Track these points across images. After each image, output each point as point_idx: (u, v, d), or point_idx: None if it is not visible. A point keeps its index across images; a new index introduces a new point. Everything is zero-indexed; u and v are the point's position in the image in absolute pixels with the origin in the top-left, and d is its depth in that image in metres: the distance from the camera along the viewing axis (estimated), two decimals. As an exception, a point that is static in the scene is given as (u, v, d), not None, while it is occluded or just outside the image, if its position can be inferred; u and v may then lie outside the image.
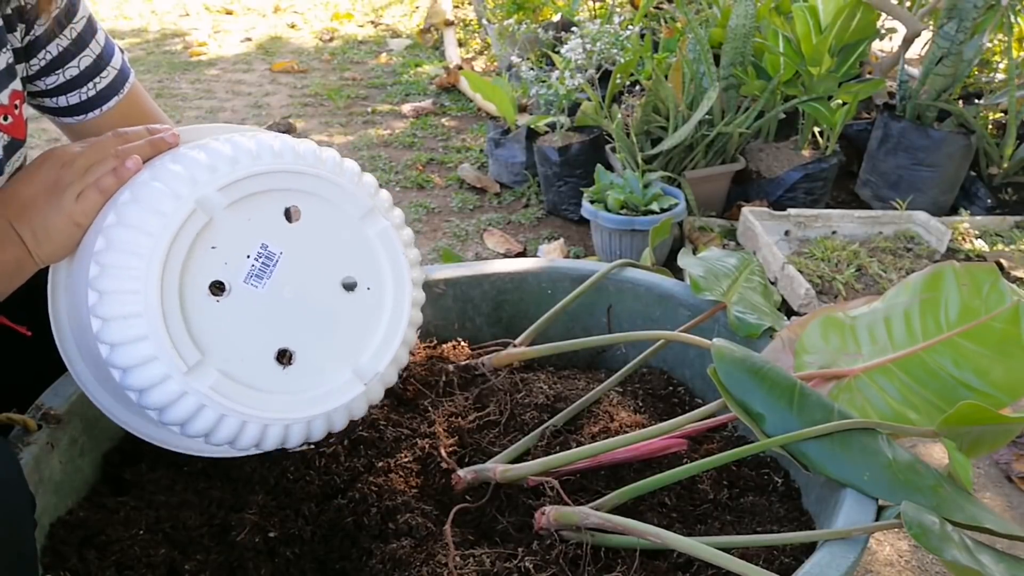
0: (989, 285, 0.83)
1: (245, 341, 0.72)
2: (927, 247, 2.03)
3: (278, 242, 0.74)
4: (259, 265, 0.73)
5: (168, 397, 0.69)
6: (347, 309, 0.77)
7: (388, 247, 0.79)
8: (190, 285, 0.70)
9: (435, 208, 2.60)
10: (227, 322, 0.71)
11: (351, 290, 0.78)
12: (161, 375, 0.68)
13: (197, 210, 0.70)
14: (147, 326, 0.68)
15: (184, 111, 3.56)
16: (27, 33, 0.86)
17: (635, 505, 0.84)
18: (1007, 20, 2.24)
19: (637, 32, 2.48)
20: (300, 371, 0.74)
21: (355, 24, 5.26)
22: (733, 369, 0.79)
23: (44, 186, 0.77)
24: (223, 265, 0.72)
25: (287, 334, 0.74)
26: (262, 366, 0.73)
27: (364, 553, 0.80)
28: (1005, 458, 1.48)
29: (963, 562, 0.64)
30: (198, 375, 0.69)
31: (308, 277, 0.75)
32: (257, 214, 0.73)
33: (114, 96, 0.95)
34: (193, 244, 0.70)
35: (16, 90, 0.85)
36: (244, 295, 0.72)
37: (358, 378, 0.77)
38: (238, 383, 0.71)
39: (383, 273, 0.79)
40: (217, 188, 0.71)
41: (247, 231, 0.73)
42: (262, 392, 0.72)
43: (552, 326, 1.06)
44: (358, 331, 0.78)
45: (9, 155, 0.85)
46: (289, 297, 0.74)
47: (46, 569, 0.74)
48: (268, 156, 0.74)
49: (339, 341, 0.77)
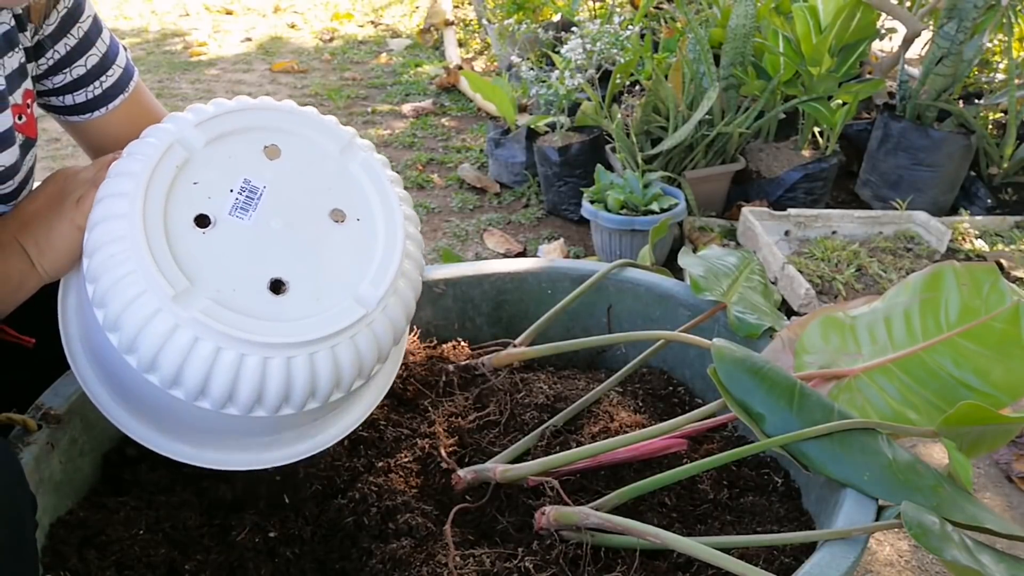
0: (989, 285, 0.83)
1: (235, 271, 0.71)
2: (927, 247, 2.03)
3: (261, 177, 0.75)
4: (243, 199, 0.73)
5: (161, 334, 0.67)
6: (339, 240, 0.76)
7: (373, 177, 0.79)
8: (174, 218, 0.70)
9: (435, 208, 2.60)
10: (215, 253, 0.71)
11: (341, 222, 0.77)
12: (152, 309, 0.67)
13: (175, 144, 0.72)
14: (133, 258, 0.68)
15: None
16: (35, 32, 0.86)
17: (635, 505, 0.84)
18: (1007, 20, 2.24)
19: (637, 32, 2.48)
20: (295, 300, 0.72)
21: (355, 24, 5.26)
22: (733, 369, 0.79)
23: (48, 199, 0.78)
24: (207, 199, 0.72)
25: (278, 265, 0.73)
26: (255, 295, 0.71)
27: (364, 553, 0.80)
28: (1005, 458, 1.48)
29: (963, 562, 0.64)
30: (187, 301, 0.67)
31: (295, 210, 0.75)
32: (237, 151, 0.75)
33: (119, 95, 0.95)
34: (174, 180, 0.71)
35: (28, 89, 0.86)
36: (230, 227, 0.72)
37: (359, 304, 0.74)
38: (230, 310, 0.69)
39: (371, 203, 0.79)
40: (194, 125, 0.73)
41: (228, 167, 0.74)
42: (257, 319, 0.70)
43: (552, 326, 1.06)
44: (353, 261, 0.76)
45: (24, 154, 0.86)
46: (277, 228, 0.74)
47: (46, 569, 0.74)
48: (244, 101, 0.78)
49: (334, 271, 0.75)
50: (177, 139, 0.73)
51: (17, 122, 0.83)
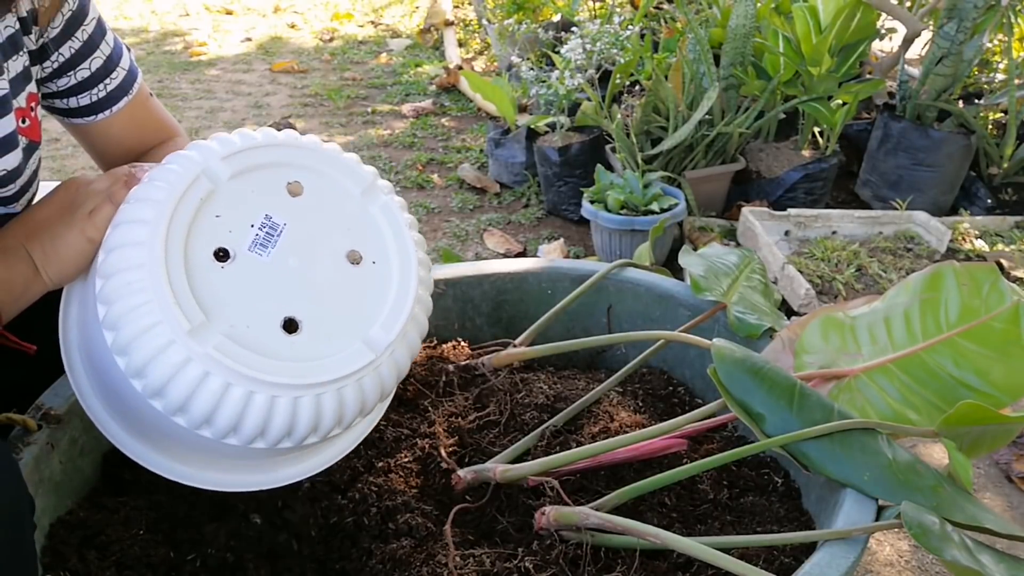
0: (989, 285, 0.83)
1: (250, 307, 0.71)
2: (927, 247, 2.03)
3: (282, 214, 0.75)
4: (263, 234, 0.74)
5: (172, 366, 0.67)
6: (353, 282, 0.77)
7: (391, 221, 0.80)
8: (194, 250, 0.70)
9: (435, 208, 2.60)
10: (232, 288, 0.71)
11: (357, 264, 0.77)
12: (165, 341, 0.67)
13: (201, 176, 0.72)
14: (150, 288, 0.67)
15: (184, 111, 3.56)
16: (40, 36, 0.86)
17: (635, 505, 0.84)
18: (1007, 20, 2.24)
19: (637, 32, 2.48)
20: (307, 340, 0.73)
21: (355, 24, 5.26)
22: (733, 369, 0.79)
23: (58, 207, 0.77)
24: (227, 233, 0.72)
25: (293, 303, 0.73)
26: (268, 333, 0.72)
27: (364, 553, 0.80)
28: (1005, 458, 1.48)
29: (963, 562, 0.64)
30: (201, 337, 0.68)
31: (313, 249, 0.76)
32: (261, 186, 0.75)
33: (123, 97, 0.95)
34: (197, 211, 0.71)
35: (32, 92, 0.85)
36: (249, 262, 0.72)
37: (368, 348, 0.75)
38: (243, 347, 0.69)
39: (387, 247, 0.79)
40: (221, 158, 0.73)
41: (251, 202, 0.74)
42: (268, 357, 0.70)
43: (552, 326, 1.06)
44: (365, 304, 0.77)
45: (27, 157, 0.86)
46: (294, 267, 0.74)
47: (46, 569, 0.74)
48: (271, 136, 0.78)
49: (346, 313, 0.76)
50: (203, 170, 0.72)
51: (21, 125, 0.83)
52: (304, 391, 0.70)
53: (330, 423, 0.73)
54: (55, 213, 0.77)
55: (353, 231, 0.78)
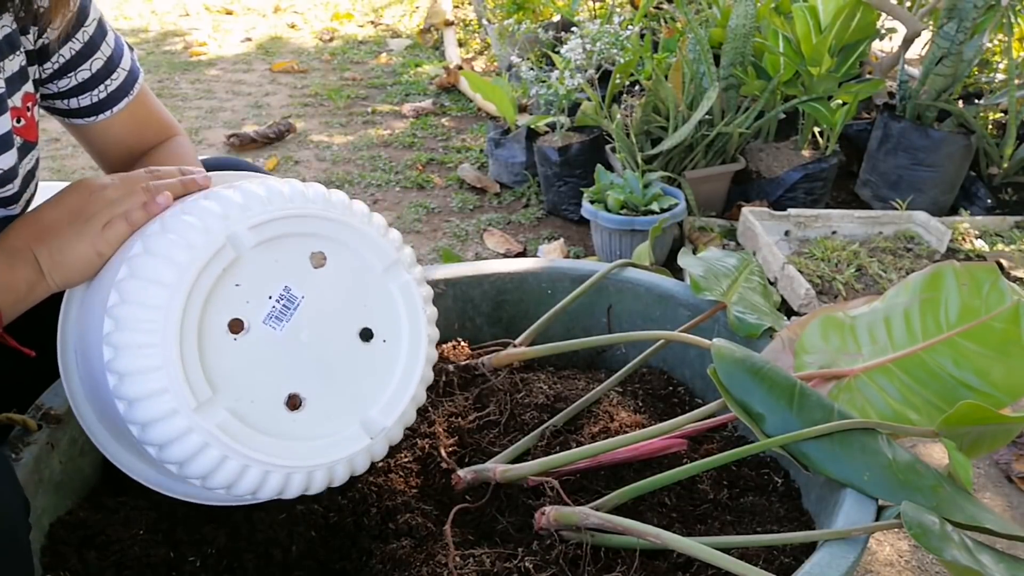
0: (989, 285, 0.83)
1: (258, 382, 0.71)
2: (927, 247, 2.03)
3: (301, 286, 0.73)
4: (280, 307, 0.72)
5: (173, 433, 0.67)
6: (361, 360, 0.77)
7: (408, 301, 0.79)
8: (210, 320, 0.69)
9: (435, 208, 2.60)
10: (242, 361, 0.70)
11: (367, 341, 0.77)
12: (169, 409, 0.67)
13: (227, 246, 0.69)
14: (161, 357, 0.66)
15: (184, 111, 3.56)
16: (40, 36, 0.86)
17: (635, 505, 0.84)
18: (1007, 20, 2.24)
19: (637, 32, 2.48)
20: (308, 418, 0.73)
21: (355, 24, 5.26)
22: (733, 369, 0.79)
23: (68, 212, 0.76)
24: (244, 303, 0.71)
25: (299, 379, 0.73)
26: (271, 409, 0.72)
27: (364, 553, 0.80)
28: (1005, 458, 1.48)
29: (963, 562, 0.64)
30: (207, 412, 0.68)
31: (326, 324, 0.74)
32: (283, 256, 0.73)
33: (124, 98, 0.95)
34: (218, 280, 0.69)
35: (28, 92, 0.85)
36: (262, 335, 0.71)
37: (365, 431, 0.76)
38: (246, 424, 0.70)
39: (400, 327, 0.79)
40: (248, 226, 0.70)
41: (272, 272, 0.72)
42: (268, 436, 0.71)
43: (552, 326, 1.06)
44: (370, 383, 0.77)
45: (23, 157, 0.85)
46: (306, 342, 0.73)
47: (46, 569, 0.74)
48: (300, 200, 0.74)
49: (350, 391, 0.76)
50: (229, 237, 0.70)
51: (16, 125, 0.83)
52: (297, 469, 0.72)
53: (319, 488, 0.76)
54: (65, 218, 0.76)
55: (369, 307, 0.77)
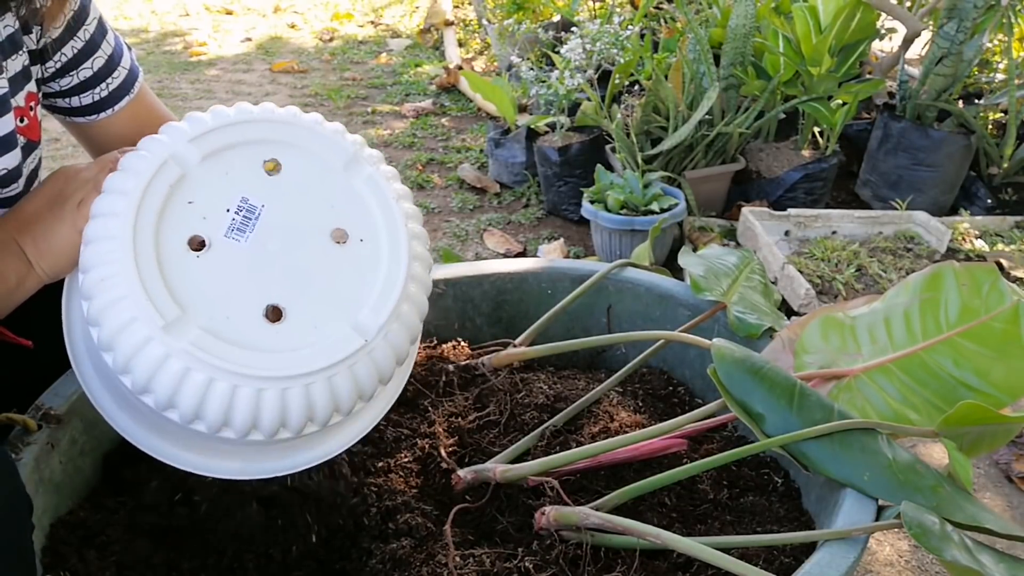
0: (989, 285, 0.83)
1: (229, 297, 0.68)
2: (927, 247, 2.03)
3: (259, 195, 0.71)
4: (240, 219, 0.70)
5: (152, 362, 0.65)
6: (340, 262, 0.73)
7: (377, 195, 0.76)
8: (166, 240, 0.67)
9: (435, 208, 2.60)
10: (209, 278, 0.68)
11: (342, 243, 0.74)
12: (143, 336, 0.65)
13: (169, 161, 0.68)
14: (124, 284, 0.65)
15: (184, 111, 3.55)
16: (42, 36, 0.86)
17: (635, 505, 0.84)
18: (1007, 20, 2.24)
19: (637, 32, 2.48)
20: (292, 328, 0.69)
21: (355, 24, 5.26)
22: (733, 369, 0.79)
23: (47, 200, 0.76)
24: (201, 220, 0.69)
25: (275, 289, 0.70)
26: (249, 323, 0.68)
27: (364, 553, 0.80)
28: (1005, 458, 1.48)
29: (963, 562, 0.64)
30: (177, 331, 0.65)
31: (294, 230, 0.72)
32: (235, 167, 0.71)
33: (125, 96, 0.95)
34: (167, 199, 0.68)
35: (31, 92, 0.85)
36: (226, 249, 0.69)
37: (358, 333, 0.71)
38: (223, 340, 0.67)
39: (375, 223, 0.75)
40: (188, 140, 0.70)
41: (225, 184, 0.71)
42: (250, 350, 0.67)
43: (552, 326, 1.06)
44: (354, 285, 0.73)
45: (26, 156, 0.86)
46: (275, 251, 0.71)
47: (46, 569, 0.74)
48: (243, 113, 0.74)
49: (333, 296, 0.72)
50: (171, 154, 0.69)
51: (19, 125, 0.83)
52: (291, 382, 0.68)
53: (326, 412, 0.71)
54: (45, 205, 0.76)
55: (337, 208, 0.74)
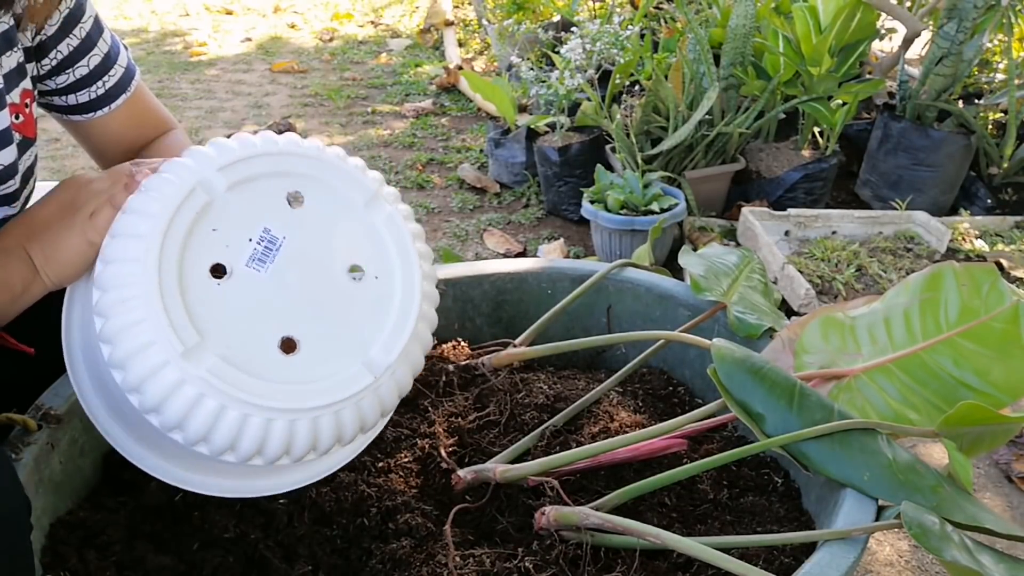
0: (989, 285, 0.83)
1: (247, 326, 0.70)
2: (927, 247, 2.03)
3: (281, 226, 0.72)
4: (261, 248, 0.71)
5: (166, 386, 0.66)
6: (355, 298, 0.74)
7: (395, 234, 0.77)
8: (190, 266, 0.68)
9: (435, 208, 2.60)
10: (228, 306, 0.69)
11: (358, 279, 0.75)
12: (159, 361, 0.66)
13: (197, 189, 0.69)
14: (144, 307, 0.66)
15: (184, 111, 3.56)
16: (38, 33, 0.86)
17: (635, 505, 0.84)
18: (1007, 20, 2.24)
19: (637, 32, 2.48)
20: (304, 361, 0.71)
21: (355, 24, 5.26)
22: (733, 369, 0.79)
23: (58, 208, 0.76)
24: (224, 247, 0.70)
25: (291, 321, 0.71)
26: (264, 354, 0.70)
27: (364, 553, 0.80)
28: (1005, 458, 1.48)
29: (963, 562, 0.64)
30: (195, 358, 0.66)
31: (313, 264, 0.73)
32: (259, 197, 0.72)
33: (121, 94, 0.95)
34: (193, 225, 0.69)
35: (26, 89, 0.85)
36: (246, 279, 0.70)
37: (367, 370, 0.73)
38: (238, 369, 0.68)
39: (390, 261, 0.77)
40: (217, 168, 0.70)
41: (249, 214, 0.71)
42: (264, 380, 0.69)
43: (552, 326, 1.06)
44: (366, 321, 0.75)
45: (22, 153, 0.86)
46: (293, 283, 0.72)
47: (46, 569, 0.74)
48: (270, 143, 0.74)
49: (346, 331, 0.74)
50: (199, 181, 0.70)
51: (14, 121, 0.83)
52: (300, 415, 0.69)
53: (328, 442, 0.72)
54: (55, 214, 0.76)
55: (355, 244, 0.76)
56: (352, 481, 0.86)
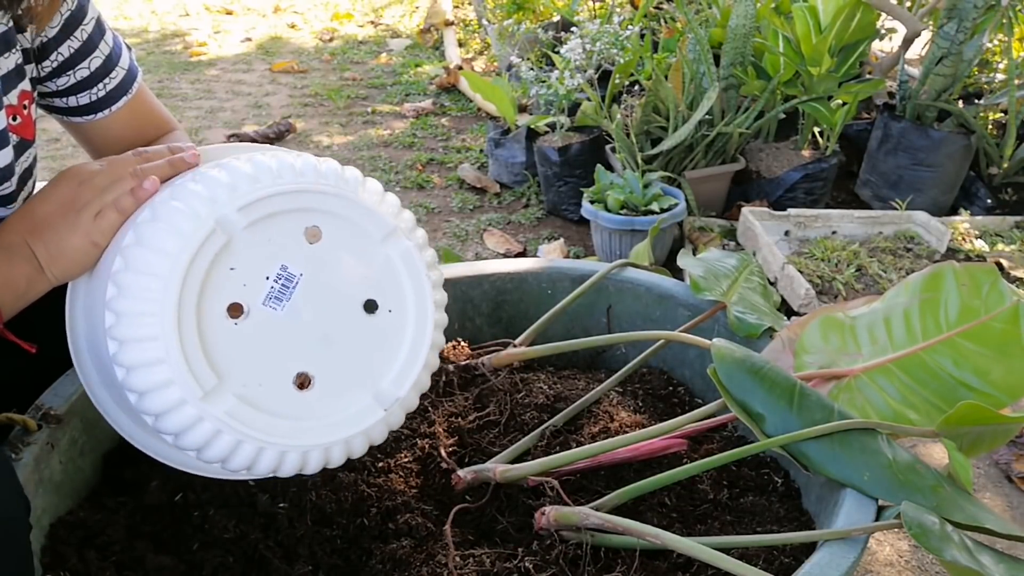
0: (989, 285, 0.83)
1: (263, 365, 0.70)
2: (927, 247, 2.03)
3: (298, 263, 0.71)
4: (278, 287, 0.71)
5: (184, 422, 0.67)
6: (368, 332, 0.75)
7: (410, 268, 0.77)
8: (208, 307, 0.68)
9: (435, 208, 2.60)
10: (245, 345, 0.69)
11: (372, 312, 0.75)
12: (177, 400, 0.66)
13: (216, 230, 0.67)
14: (163, 349, 0.66)
15: (184, 111, 3.56)
16: (38, 35, 0.86)
17: (635, 505, 0.84)
18: (1007, 20, 2.24)
19: (637, 32, 2.48)
20: (318, 396, 0.72)
21: (355, 24, 5.26)
22: (733, 369, 0.79)
23: (60, 204, 0.76)
24: (241, 287, 0.69)
25: (306, 357, 0.72)
26: (280, 391, 0.71)
27: (364, 553, 0.80)
28: (1005, 458, 1.48)
29: (963, 562, 0.64)
30: (214, 400, 0.67)
31: (328, 299, 0.73)
32: (277, 235, 0.71)
33: (123, 96, 0.95)
34: (211, 265, 0.68)
35: (25, 90, 0.85)
36: (262, 318, 0.70)
37: (378, 403, 0.75)
38: (255, 408, 0.69)
39: (404, 295, 0.76)
40: (237, 208, 0.68)
41: (267, 252, 0.70)
42: (280, 418, 0.70)
43: (552, 326, 1.06)
44: (378, 354, 0.76)
45: (19, 155, 0.85)
46: (308, 319, 0.72)
47: (46, 569, 0.74)
48: (289, 175, 0.72)
49: (359, 365, 0.74)
50: (218, 220, 0.67)
51: (11, 123, 0.83)
52: (314, 448, 0.72)
53: (338, 462, 0.75)
54: (57, 210, 0.75)
55: (371, 278, 0.75)
56: (352, 481, 0.86)
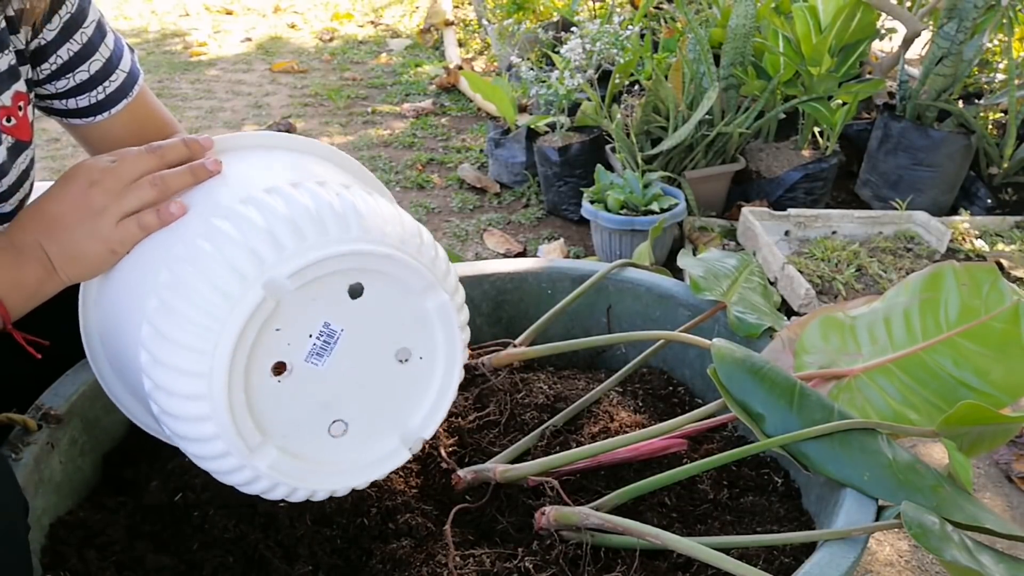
0: (989, 285, 0.83)
1: (303, 417, 0.72)
2: (927, 247, 2.03)
3: (340, 320, 0.71)
4: (320, 343, 0.71)
5: (226, 467, 0.69)
6: (399, 378, 0.76)
7: (444, 321, 0.77)
8: (254, 369, 0.68)
9: (435, 208, 2.60)
10: (287, 401, 0.70)
11: (405, 361, 0.76)
12: (222, 451, 0.68)
13: (267, 299, 0.66)
14: (211, 409, 0.66)
15: (184, 111, 3.55)
16: (34, 37, 0.85)
17: (635, 505, 0.84)
18: (1007, 20, 2.24)
19: (637, 32, 2.48)
20: (351, 441, 0.75)
21: (355, 24, 5.26)
22: (733, 369, 0.79)
23: (74, 204, 0.74)
24: (286, 346, 0.69)
25: (341, 406, 0.74)
26: (317, 439, 0.73)
27: (364, 553, 0.80)
28: (1005, 458, 1.48)
29: (963, 562, 0.64)
30: (259, 455, 0.69)
31: (365, 350, 0.73)
32: (322, 294, 0.70)
33: (123, 99, 0.95)
34: (260, 329, 0.67)
35: (20, 92, 0.84)
36: (304, 374, 0.71)
37: (404, 444, 0.78)
38: (294, 458, 0.72)
39: (436, 344, 0.77)
40: (287, 275, 0.66)
41: (311, 311, 0.70)
42: (314, 463, 0.73)
43: (552, 326, 1.06)
44: (407, 398, 0.77)
45: (14, 157, 0.85)
46: (346, 370, 0.73)
47: (46, 569, 0.74)
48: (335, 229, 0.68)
49: (390, 410, 0.77)
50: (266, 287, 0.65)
51: (5, 124, 0.82)
52: (341, 489, 0.76)
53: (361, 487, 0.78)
54: (72, 211, 0.74)
55: (406, 327, 0.76)
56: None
